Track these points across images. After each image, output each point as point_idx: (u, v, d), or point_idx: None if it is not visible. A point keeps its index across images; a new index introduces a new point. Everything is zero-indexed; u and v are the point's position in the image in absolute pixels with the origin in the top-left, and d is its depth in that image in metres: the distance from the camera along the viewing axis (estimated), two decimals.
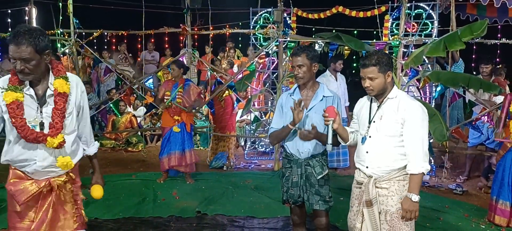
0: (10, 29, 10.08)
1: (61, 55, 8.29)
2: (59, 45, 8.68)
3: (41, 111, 2.56)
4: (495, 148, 6.08)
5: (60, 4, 8.08)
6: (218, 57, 10.27)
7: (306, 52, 3.26)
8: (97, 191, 2.91)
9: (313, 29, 8.72)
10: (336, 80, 6.88)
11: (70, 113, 2.64)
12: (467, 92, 6.48)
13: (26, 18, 10.21)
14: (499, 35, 7.24)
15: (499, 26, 8.08)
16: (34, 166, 2.58)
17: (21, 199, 2.56)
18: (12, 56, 2.42)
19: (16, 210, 2.64)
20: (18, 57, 2.40)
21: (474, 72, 7.64)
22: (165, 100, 5.97)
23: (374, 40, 6.87)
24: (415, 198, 2.71)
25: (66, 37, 8.22)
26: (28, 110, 2.53)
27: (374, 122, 2.88)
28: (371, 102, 2.97)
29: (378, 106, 2.89)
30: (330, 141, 2.97)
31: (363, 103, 3.06)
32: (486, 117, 6.14)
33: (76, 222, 2.76)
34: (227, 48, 10.24)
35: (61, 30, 8.31)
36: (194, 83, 6.75)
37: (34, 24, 10.32)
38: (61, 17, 8.11)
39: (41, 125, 2.55)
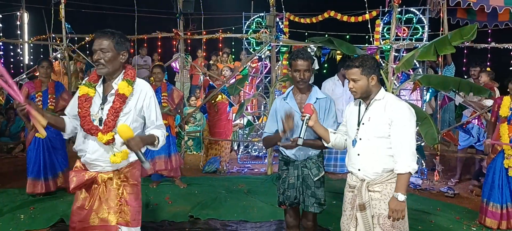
0: (1, 34, 10.05)
1: (53, 60, 8.26)
2: (51, 50, 8.66)
3: (102, 108, 2.77)
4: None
5: (52, 9, 8.06)
6: (211, 61, 10.29)
7: (311, 57, 3.26)
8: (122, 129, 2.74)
9: (306, 33, 8.76)
10: (343, 86, 6.88)
11: (126, 114, 2.77)
12: (456, 95, 6.55)
13: (18, 23, 10.19)
14: (489, 39, 7.32)
15: (489, 31, 8.16)
16: (85, 156, 2.81)
17: (71, 186, 2.80)
18: (94, 48, 2.71)
19: (76, 198, 2.89)
20: (98, 48, 2.69)
21: (465, 76, 7.72)
22: None
23: (366, 45, 6.91)
24: (402, 197, 2.73)
25: (58, 42, 8.20)
26: (94, 105, 2.78)
27: (363, 124, 2.91)
28: (359, 105, 3.00)
29: (366, 108, 2.92)
30: (302, 135, 3.04)
31: (352, 107, 3.09)
32: (476, 120, 6.20)
33: (120, 218, 2.82)
34: (220, 53, 10.27)
35: (53, 35, 8.28)
36: (176, 88, 6.76)
37: (26, 29, 10.31)
38: (53, 22, 8.09)
39: (100, 121, 2.74)
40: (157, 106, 2.90)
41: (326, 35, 6.88)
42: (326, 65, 9.81)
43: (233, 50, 10.66)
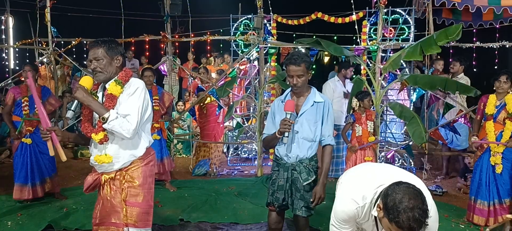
0: None
1: (39, 65, 8.17)
2: (37, 54, 8.57)
3: None
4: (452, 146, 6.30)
5: (38, 12, 7.97)
6: (202, 63, 10.26)
7: (305, 62, 3.20)
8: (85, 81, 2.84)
9: (294, 35, 8.79)
10: (345, 86, 6.81)
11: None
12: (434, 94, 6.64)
13: (3, 27, 10.05)
14: (474, 39, 7.42)
15: (474, 30, 8.28)
16: (90, 159, 2.99)
17: (84, 187, 2.99)
18: (89, 59, 2.85)
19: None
20: (92, 57, 2.82)
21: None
22: None
23: (354, 46, 6.95)
24: None
25: (44, 46, 8.10)
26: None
27: None
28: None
29: None
30: (287, 133, 3.18)
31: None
32: (462, 119, 6.27)
33: (125, 218, 2.90)
34: (209, 55, 10.24)
35: (39, 39, 8.19)
36: (167, 91, 6.73)
37: (11, 34, 10.17)
38: (38, 26, 8.00)
39: None
40: (138, 103, 2.79)
41: (314, 37, 6.89)
42: (314, 66, 9.85)
43: (221, 52, 10.65)
